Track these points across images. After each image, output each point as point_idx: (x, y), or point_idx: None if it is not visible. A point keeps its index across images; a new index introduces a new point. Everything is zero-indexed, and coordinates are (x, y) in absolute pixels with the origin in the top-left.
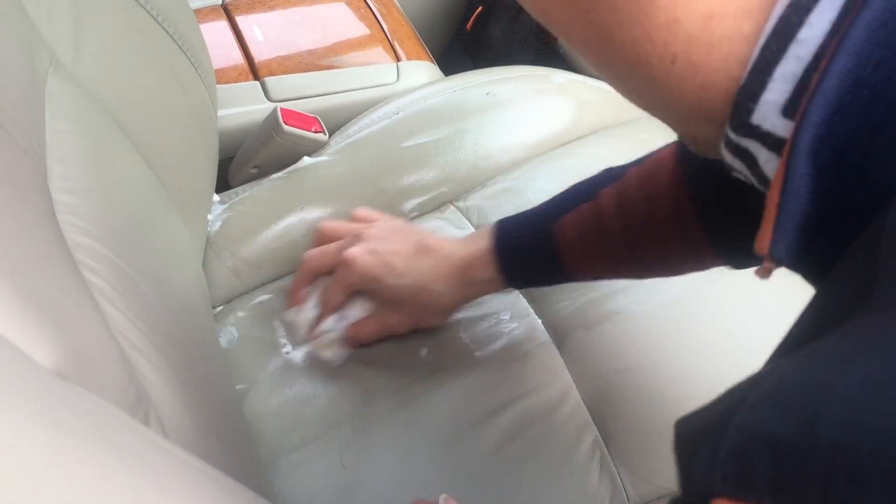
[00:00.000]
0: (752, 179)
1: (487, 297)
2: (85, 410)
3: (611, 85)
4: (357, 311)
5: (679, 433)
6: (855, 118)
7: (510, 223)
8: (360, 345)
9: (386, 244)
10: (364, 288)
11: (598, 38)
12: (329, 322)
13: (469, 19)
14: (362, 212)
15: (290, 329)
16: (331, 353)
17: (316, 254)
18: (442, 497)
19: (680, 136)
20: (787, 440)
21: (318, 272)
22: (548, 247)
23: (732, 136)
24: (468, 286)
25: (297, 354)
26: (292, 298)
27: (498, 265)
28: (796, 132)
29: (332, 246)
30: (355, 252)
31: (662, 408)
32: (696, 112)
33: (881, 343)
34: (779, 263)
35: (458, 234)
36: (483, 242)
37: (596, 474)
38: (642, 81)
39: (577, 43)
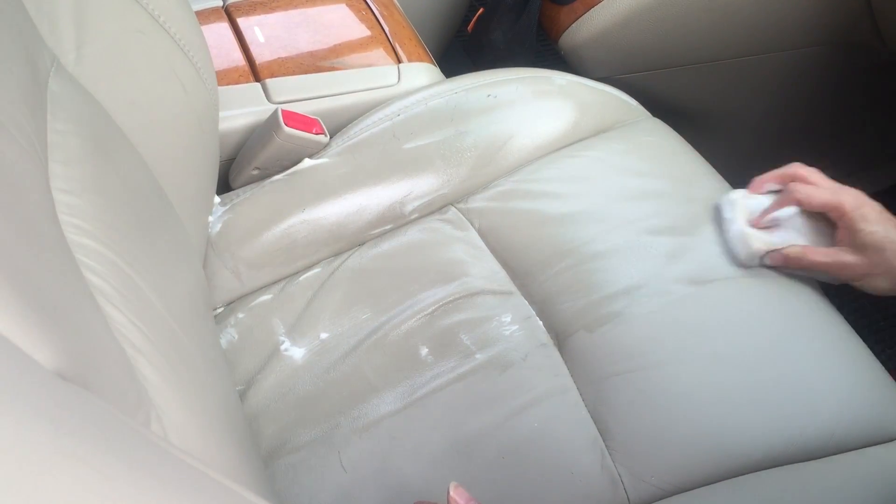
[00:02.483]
0: None
1: (488, 300)
2: (86, 411)
3: None
4: (804, 238)
5: None
6: None
7: None
8: (797, 267)
9: None
10: (849, 221)
11: None
12: (783, 212)
13: (470, 21)
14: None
15: (728, 203)
16: (758, 247)
17: (811, 171)
18: (452, 485)
19: None
20: None
21: (800, 181)
22: None
23: None
24: None
25: (297, 352)
26: (754, 185)
27: None
28: None
29: (828, 179)
30: (860, 192)
31: (663, 409)
32: None
33: None
34: None
35: (459, 235)
36: None
37: (597, 475)
38: None
39: None
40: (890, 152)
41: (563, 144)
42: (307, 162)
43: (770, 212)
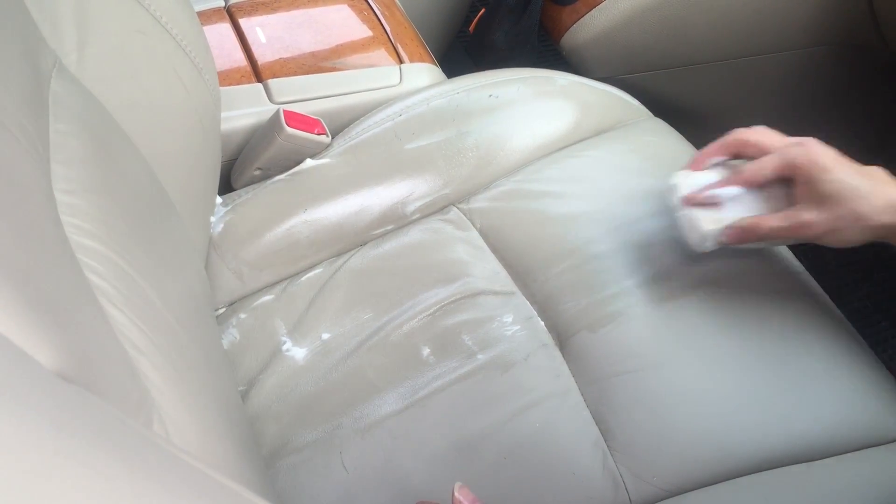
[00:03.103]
0: None
1: (490, 301)
2: (87, 412)
3: None
4: (757, 204)
5: None
6: None
7: None
8: (754, 238)
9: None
10: (804, 175)
11: None
12: (728, 191)
13: (471, 21)
14: None
15: (671, 190)
16: (711, 229)
17: (755, 131)
18: (456, 486)
19: None
20: None
21: (748, 150)
22: None
23: None
24: None
25: (299, 353)
26: (696, 162)
27: None
28: None
29: (775, 135)
30: (812, 139)
31: (665, 410)
32: None
33: None
34: None
35: (461, 236)
36: None
37: (598, 476)
38: None
39: None
40: (891, 153)
41: (564, 144)
42: (309, 162)
43: (713, 187)
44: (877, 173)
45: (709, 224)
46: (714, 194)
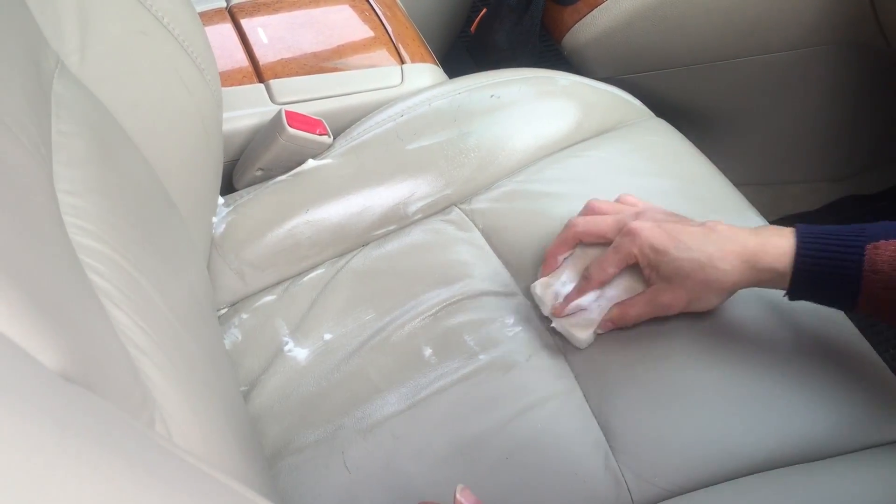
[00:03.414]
0: None
1: (491, 301)
2: (90, 413)
3: None
4: (616, 290)
5: None
6: None
7: (814, 228)
8: (624, 326)
9: (670, 222)
10: (644, 261)
11: None
12: (587, 298)
13: (473, 21)
14: (630, 198)
15: (539, 301)
16: (586, 335)
17: (589, 220)
18: (458, 488)
19: None
20: None
21: (586, 239)
22: (855, 263)
23: None
24: (753, 272)
25: (300, 353)
26: (547, 265)
27: (795, 262)
28: None
29: (607, 217)
30: (641, 223)
31: (667, 410)
32: None
33: None
34: None
35: (462, 236)
36: (780, 236)
37: (600, 476)
38: None
39: None
40: (892, 153)
41: (566, 144)
42: (311, 163)
43: (573, 299)
44: (716, 232)
45: (581, 332)
46: (577, 304)
